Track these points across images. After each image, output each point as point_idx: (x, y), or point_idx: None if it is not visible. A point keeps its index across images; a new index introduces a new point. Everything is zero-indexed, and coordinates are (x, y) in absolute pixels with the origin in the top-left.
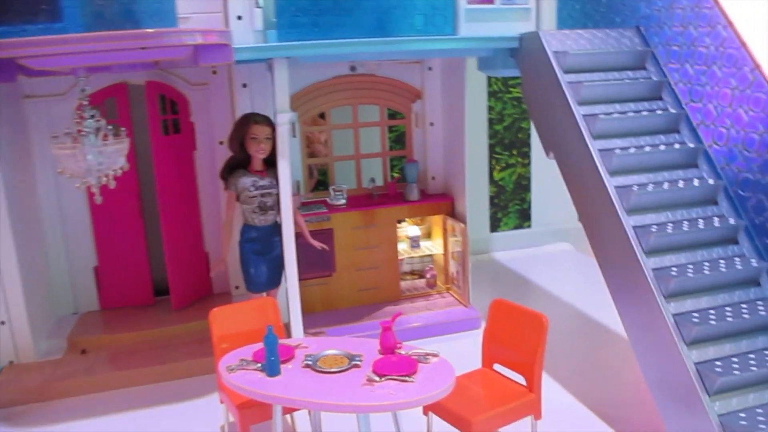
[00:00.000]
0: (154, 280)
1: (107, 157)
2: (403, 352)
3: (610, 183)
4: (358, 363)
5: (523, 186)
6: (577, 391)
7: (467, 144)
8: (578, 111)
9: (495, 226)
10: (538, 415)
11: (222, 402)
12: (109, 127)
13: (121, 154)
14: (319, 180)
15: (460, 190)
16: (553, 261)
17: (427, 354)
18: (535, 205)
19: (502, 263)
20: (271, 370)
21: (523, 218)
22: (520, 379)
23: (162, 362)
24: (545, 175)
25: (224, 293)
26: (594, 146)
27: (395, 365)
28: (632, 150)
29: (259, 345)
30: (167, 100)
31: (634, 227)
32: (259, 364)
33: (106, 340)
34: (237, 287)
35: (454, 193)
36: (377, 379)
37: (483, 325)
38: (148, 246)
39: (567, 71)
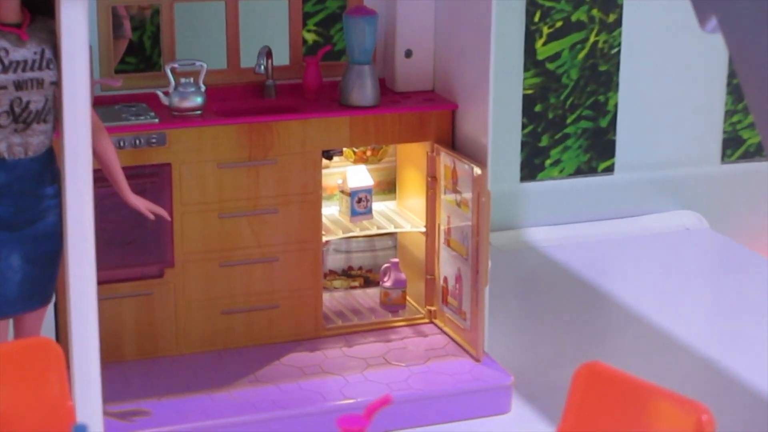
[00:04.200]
0: None
1: None
2: None
3: None
4: None
5: (599, 77)
6: None
7: None
8: None
9: (534, 167)
10: None
11: None
12: None
13: None
14: (132, 43)
15: (473, 83)
16: (669, 254)
17: None
18: (624, 123)
19: (546, 254)
20: None
21: (599, 150)
22: None
23: None
24: (650, 56)
25: None
26: None
27: None
28: None
29: None
30: None
31: None
32: None
33: None
34: None
35: (458, 91)
36: None
37: (514, 402)
38: None
39: None
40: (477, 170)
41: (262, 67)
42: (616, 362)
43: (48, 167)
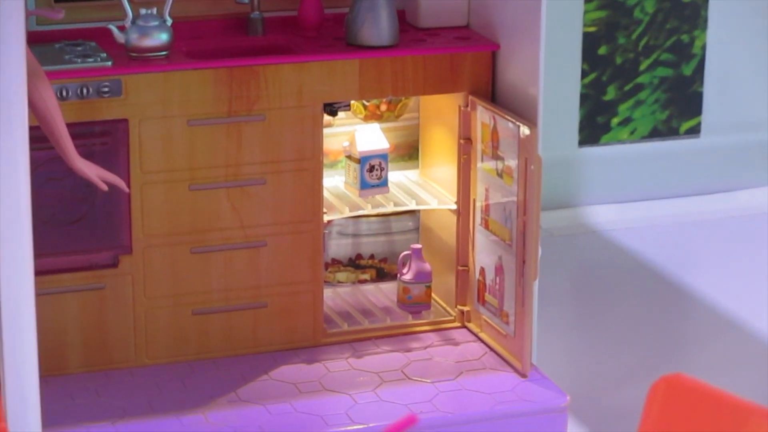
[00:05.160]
0: None
1: None
2: None
3: None
4: None
5: (682, 11)
6: None
7: None
8: None
9: (597, 127)
10: None
11: None
12: None
13: None
14: None
15: (520, 18)
16: None
17: None
18: (714, 71)
19: (612, 240)
20: None
21: (681, 106)
22: None
23: None
24: None
25: None
26: None
27: None
28: None
29: None
30: None
31: None
32: None
33: None
34: None
35: (500, 27)
36: None
37: (570, 428)
38: None
39: None
40: (524, 130)
41: None
42: (703, 374)
43: None
